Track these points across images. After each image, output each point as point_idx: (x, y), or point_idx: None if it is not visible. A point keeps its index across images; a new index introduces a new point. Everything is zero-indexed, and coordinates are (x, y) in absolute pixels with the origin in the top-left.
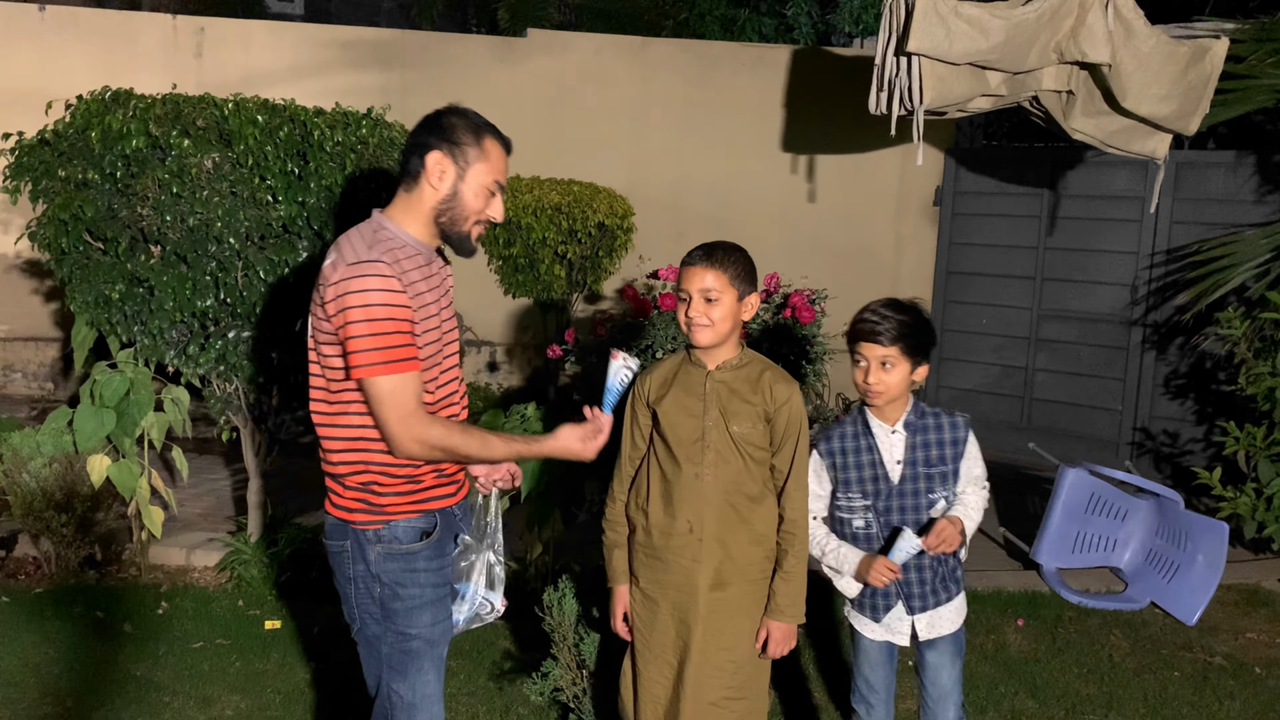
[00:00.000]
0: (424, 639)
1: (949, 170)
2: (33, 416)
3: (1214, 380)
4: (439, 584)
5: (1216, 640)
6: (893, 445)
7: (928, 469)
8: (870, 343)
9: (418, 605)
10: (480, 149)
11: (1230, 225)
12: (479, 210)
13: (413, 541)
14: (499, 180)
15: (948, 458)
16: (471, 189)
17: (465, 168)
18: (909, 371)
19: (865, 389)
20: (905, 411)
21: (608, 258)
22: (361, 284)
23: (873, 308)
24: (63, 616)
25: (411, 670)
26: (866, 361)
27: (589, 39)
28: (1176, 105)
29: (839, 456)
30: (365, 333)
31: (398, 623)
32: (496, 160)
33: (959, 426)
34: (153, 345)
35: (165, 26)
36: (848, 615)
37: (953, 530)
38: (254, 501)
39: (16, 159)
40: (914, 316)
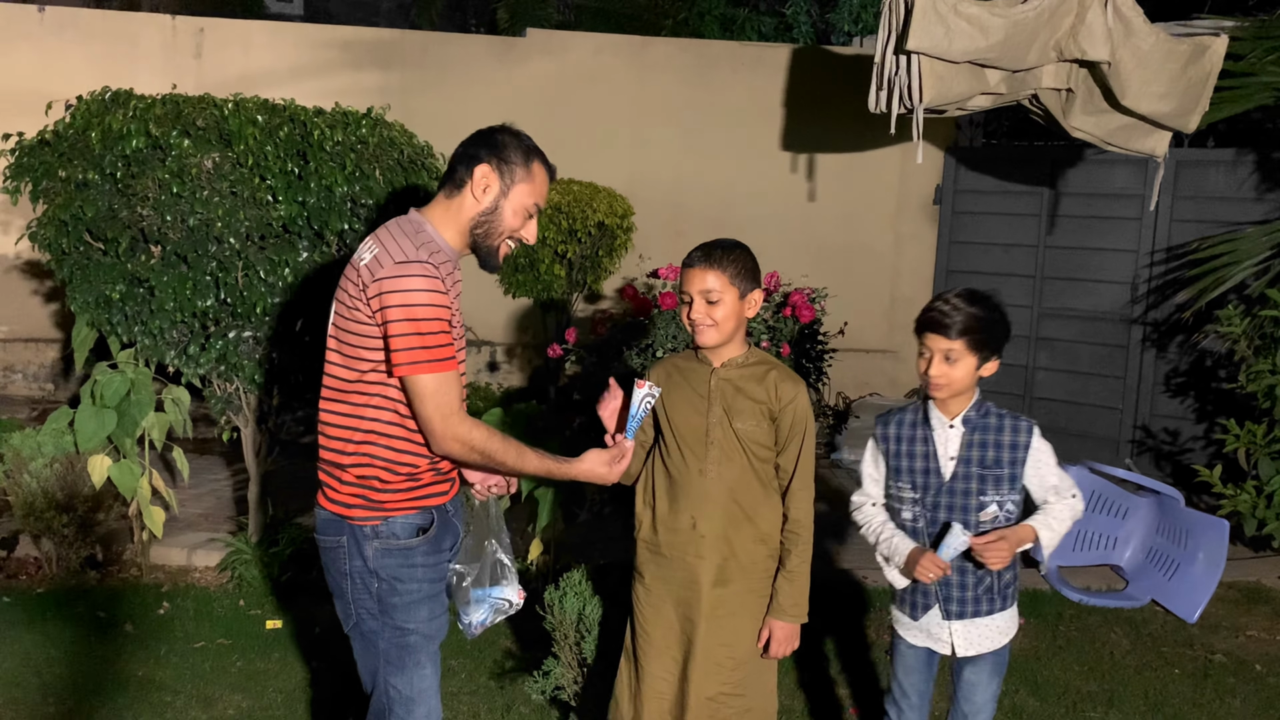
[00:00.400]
0: (421, 633)
1: (949, 169)
2: (33, 417)
3: (1214, 378)
4: (435, 579)
5: (1217, 638)
6: (948, 440)
7: (982, 469)
8: (935, 334)
9: (415, 600)
10: (528, 170)
11: (1230, 223)
12: (514, 229)
13: (410, 537)
14: (539, 203)
15: (1005, 461)
16: (512, 207)
17: (510, 185)
18: (975, 366)
19: (926, 381)
20: (967, 407)
21: (608, 257)
22: (411, 283)
23: (945, 297)
24: (64, 617)
25: (409, 664)
26: (930, 353)
27: (588, 39)
28: (1176, 103)
29: (893, 443)
30: (412, 330)
31: (395, 618)
32: (540, 184)
33: (1022, 430)
34: (153, 345)
35: (165, 27)
36: (892, 619)
37: (1004, 547)
38: (255, 501)
39: (17, 159)
40: (986, 310)
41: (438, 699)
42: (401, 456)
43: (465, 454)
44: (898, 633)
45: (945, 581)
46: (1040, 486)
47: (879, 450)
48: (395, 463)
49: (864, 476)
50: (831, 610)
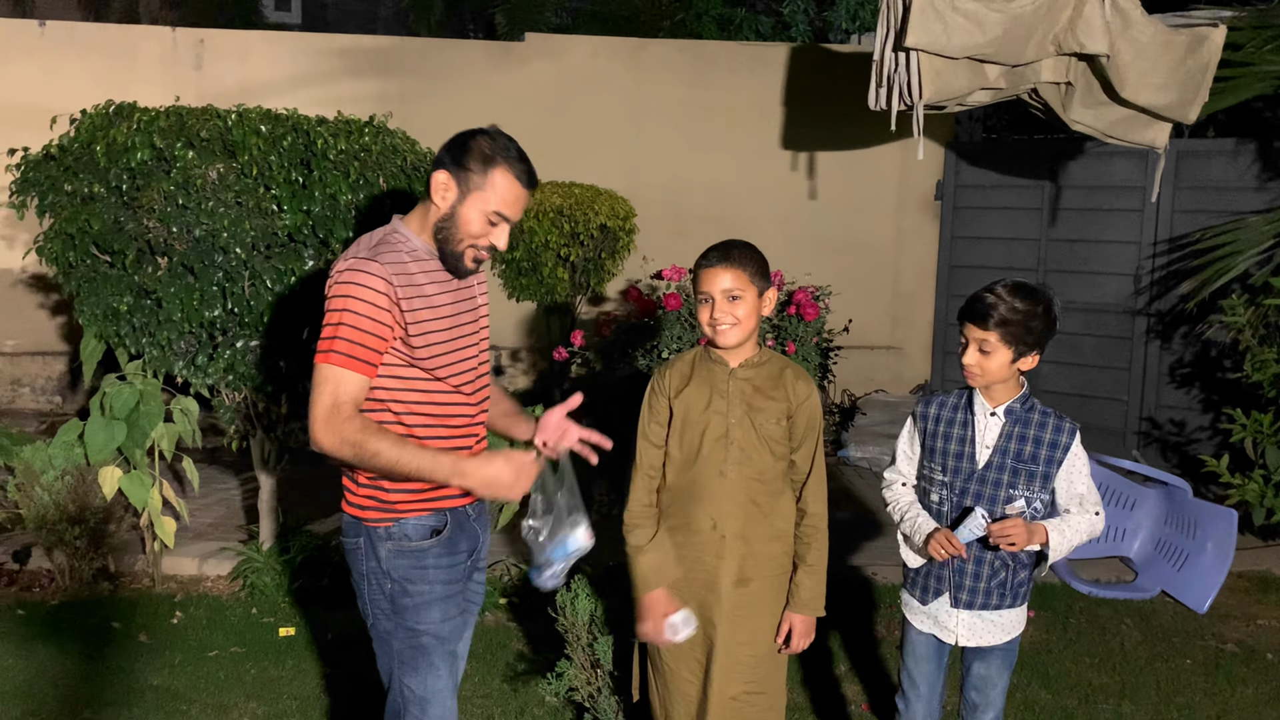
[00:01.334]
0: (433, 635)
1: (949, 164)
2: (42, 430)
3: (1219, 368)
4: (448, 581)
5: (1228, 627)
6: (988, 428)
7: (1017, 462)
8: (972, 323)
9: (426, 601)
10: (485, 178)
11: (1232, 212)
12: (475, 235)
13: (422, 539)
14: (501, 211)
15: (1041, 458)
16: (468, 214)
17: (466, 193)
18: (1009, 359)
19: (963, 368)
20: (1013, 398)
21: (610, 259)
22: (350, 278)
23: (991, 286)
24: (79, 628)
25: (422, 665)
26: (968, 340)
27: (586, 42)
28: (1175, 94)
29: (932, 423)
30: (336, 321)
31: (407, 619)
32: (503, 191)
33: (1063, 431)
34: (161, 356)
35: (165, 39)
36: (902, 604)
37: (1021, 532)
38: (265, 510)
39: (22, 174)
40: (1027, 304)
41: (453, 700)
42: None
43: (337, 447)
44: (907, 619)
45: (959, 569)
46: (1067, 493)
47: (915, 429)
48: None
49: (898, 454)
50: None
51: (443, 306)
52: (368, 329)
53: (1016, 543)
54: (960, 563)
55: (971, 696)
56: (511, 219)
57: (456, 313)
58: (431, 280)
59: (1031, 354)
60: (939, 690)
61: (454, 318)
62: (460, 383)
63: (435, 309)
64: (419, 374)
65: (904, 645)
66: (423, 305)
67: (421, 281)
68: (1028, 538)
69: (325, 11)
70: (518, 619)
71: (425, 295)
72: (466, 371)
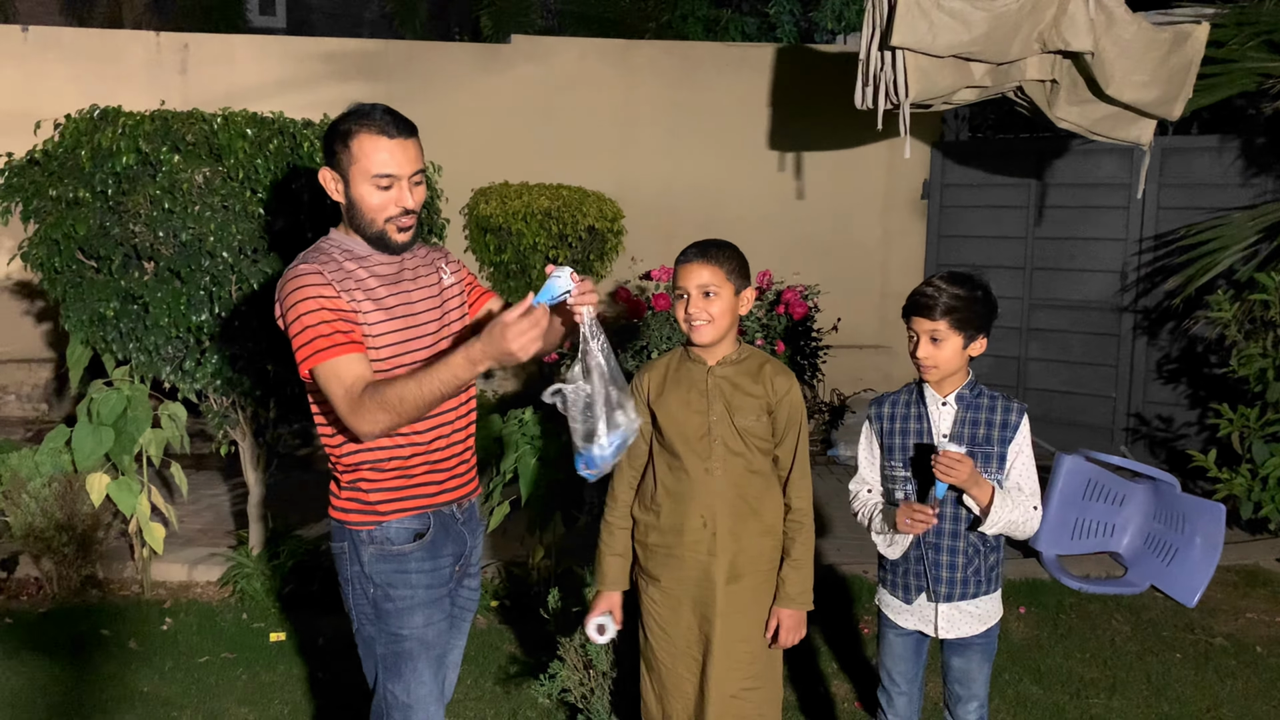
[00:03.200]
0: (417, 639)
1: (935, 164)
2: (28, 438)
3: (1205, 364)
4: (432, 585)
5: (1217, 621)
6: (941, 417)
7: (972, 446)
8: (919, 316)
9: (409, 607)
10: (350, 151)
11: (1217, 209)
12: (377, 208)
13: (405, 543)
14: (381, 172)
15: (994, 439)
16: (360, 190)
17: (347, 175)
18: (960, 346)
19: (916, 363)
20: (961, 385)
21: (599, 261)
22: (290, 286)
23: (929, 280)
24: (67, 636)
25: (405, 671)
26: (917, 335)
27: (573, 44)
28: (1160, 91)
29: (887, 422)
30: (298, 329)
31: (390, 624)
32: (371, 152)
33: (1012, 411)
34: (148, 362)
35: (149, 44)
36: (878, 602)
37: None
38: (254, 515)
39: (6, 180)
40: (967, 290)
41: (438, 707)
42: (379, 453)
43: (382, 424)
44: (885, 618)
45: (935, 562)
46: (1014, 483)
47: (873, 431)
48: (378, 460)
49: (860, 460)
50: (828, 604)
51: (389, 298)
52: (328, 317)
53: (957, 476)
54: (935, 555)
55: (955, 689)
56: (398, 174)
57: (411, 312)
58: (374, 275)
59: (979, 338)
60: (919, 682)
61: (408, 316)
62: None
63: (379, 300)
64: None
65: (881, 643)
66: (365, 298)
67: (363, 276)
68: (970, 479)
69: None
70: (508, 621)
71: (368, 289)
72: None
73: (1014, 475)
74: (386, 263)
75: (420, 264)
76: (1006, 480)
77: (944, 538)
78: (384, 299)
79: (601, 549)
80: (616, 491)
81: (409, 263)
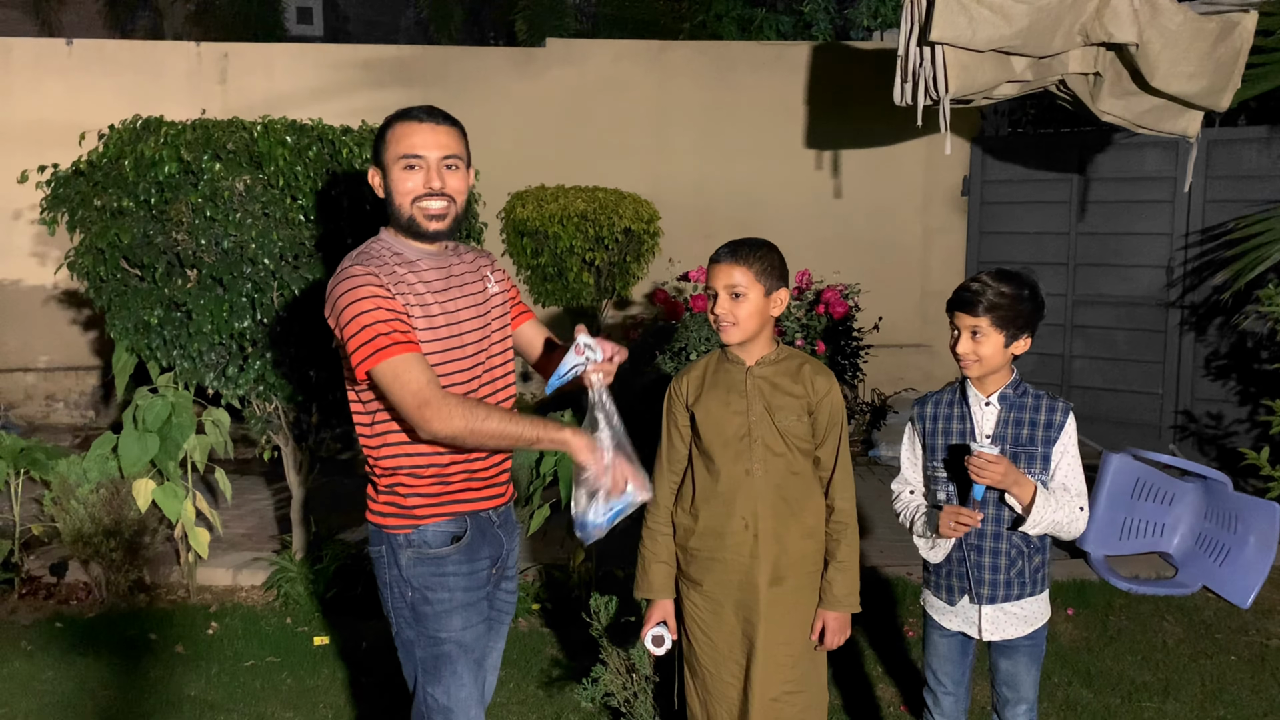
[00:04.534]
0: (456, 643)
1: (975, 160)
2: (76, 444)
3: (1256, 359)
4: (470, 588)
5: (1272, 623)
6: (984, 417)
7: (1016, 447)
8: (962, 311)
9: (447, 610)
10: (385, 140)
11: (1265, 201)
12: (407, 191)
13: (442, 545)
14: (408, 153)
15: (1039, 440)
16: (394, 176)
17: (383, 165)
18: (1003, 344)
19: (957, 358)
20: (1004, 385)
21: (635, 263)
22: (342, 287)
23: (977, 275)
24: (116, 640)
25: (445, 674)
26: (959, 330)
27: (607, 46)
28: (1207, 82)
29: (929, 422)
30: (355, 329)
31: (429, 627)
32: (401, 137)
33: (1057, 410)
34: (192, 368)
35: (189, 55)
36: (923, 603)
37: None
38: (297, 519)
39: (53, 190)
40: (1013, 288)
41: (479, 710)
42: (418, 459)
43: (452, 432)
44: (931, 619)
45: (977, 564)
46: (1059, 483)
47: (915, 431)
48: (416, 466)
49: (903, 461)
50: (871, 606)
51: (434, 305)
52: (386, 317)
53: (990, 477)
54: (977, 557)
55: (1003, 691)
56: (424, 154)
57: (454, 320)
58: (422, 281)
59: (1023, 337)
60: (965, 684)
61: (451, 325)
62: (466, 368)
63: (426, 308)
64: None
65: (926, 645)
66: (415, 303)
67: (413, 282)
68: (1007, 478)
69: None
70: (551, 625)
71: (417, 294)
72: (465, 372)
73: (1059, 475)
74: (435, 269)
75: (467, 270)
76: (1051, 480)
77: (985, 539)
78: (429, 305)
79: (646, 556)
80: (658, 497)
81: (455, 269)
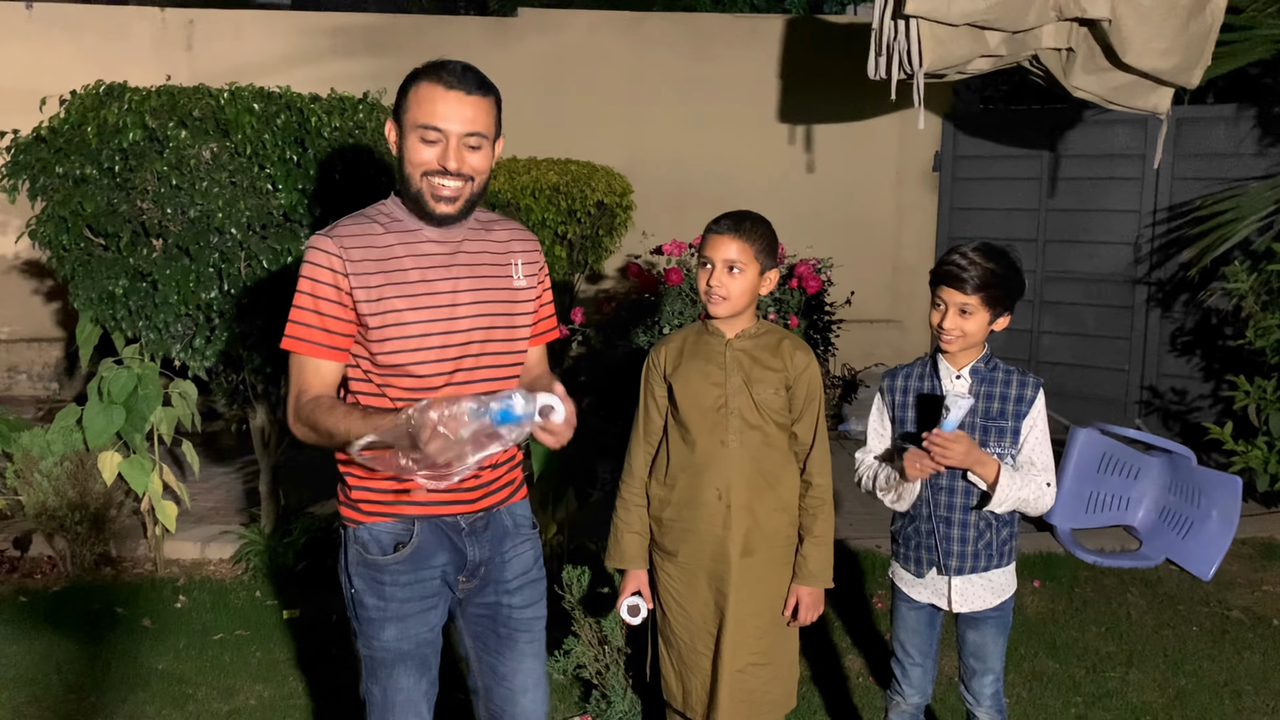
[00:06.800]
0: (391, 650)
1: (947, 135)
2: (39, 417)
3: (1220, 336)
4: (410, 599)
5: (1233, 594)
6: (955, 391)
7: (986, 420)
8: (951, 288)
9: (380, 619)
10: (407, 99)
11: (1232, 179)
12: (419, 163)
13: (380, 554)
14: (427, 122)
15: (1009, 414)
16: (409, 141)
17: (401, 124)
18: (988, 321)
19: (940, 333)
20: (976, 359)
21: (608, 236)
22: (306, 252)
23: (961, 250)
24: (82, 614)
25: (381, 675)
26: (945, 305)
27: (581, 16)
28: (1179, 58)
29: (899, 395)
30: (294, 302)
31: (363, 629)
32: (423, 101)
33: (1027, 385)
34: (158, 339)
35: (154, 20)
36: (891, 575)
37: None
38: (266, 492)
39: (13, 157)
40: (1002, 265)
41: (417, 712)
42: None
43: (303, 434)
44: (899, 591)
45: (946, 536)
46: (1027, 457)
47: (885, 403)
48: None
49: (870, 434)
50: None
51: (419, 284)
52: (322, 307)
53: (950, 457)
54: (945, 529)
55: (970, 662)
56: (443, 127)
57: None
58: (413, 255)
59: (1005, 314)
60: (932, 655)
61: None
62: (428, 374)
63: (403, 285)
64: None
65: (894, 617)
66: (383, 281)
67: (398, 254)
68: (969, 457)
69: None
70: None
71: (396, 268)
72: (443, 363)
73: (1027, 450)
74: (437, 243)
75: (486, 252)
76: (1020, 454)
77: (955, 511)
78: (414, 283)
79: (619, 525)
80: (633, 467)
81: (467, 247)
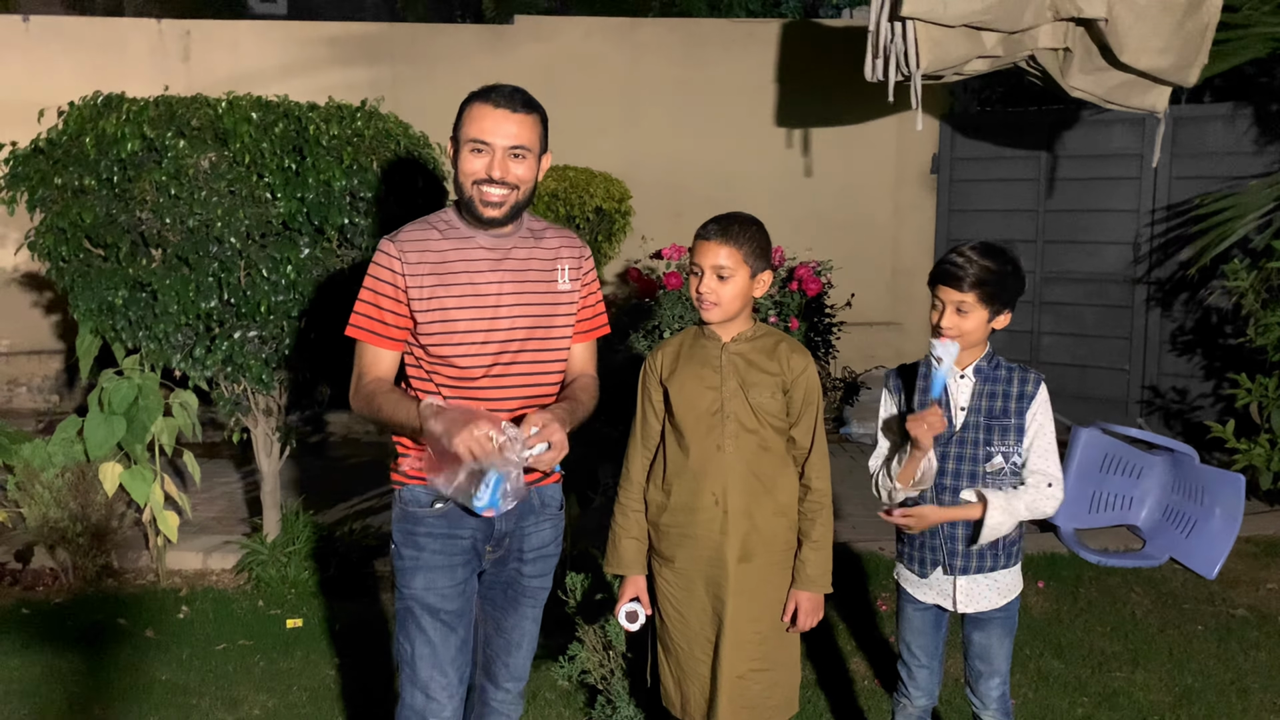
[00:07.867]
0: (417, 601)
1: (945, 137)
2: (40, 429)
3: (1220, 334)
4: (441, 551)
5: (1238, 593)
6: (959, 390)
7: (989, 419)
8: (948, 286)
9: (412, 567)
10: (461, 119)
11: (1231, 178)
12: (470, 173)
13: (421, 506)
14: (477, 137)
15: (1011, 411)
16: (463, 155)
17: (456, 141)
18: (986, 319)
19: (938, 332)
20: (979, 358)
21: (606, 242)
22: (376, 253)
23: (959, 249)
24: (84, 626)
25: (410, 627)
26: (942, 304)
27: (577, 23)
28: (1175, 57)
29: (905, 392)
30: (360, 295)
31: (399, 580)
32: (478, 119)
33: (1029, 382)
34: (158, 350)
35: (151, 31)
36: (896, 576)
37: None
38: (268, 502)
39: (11, 169)
40: (999, 263)
41: (450, 670)
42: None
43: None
44: (905, 592)
45: (950, 536)
46: (1030, 463)
47: (894, 400)
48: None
49: (880, 433)
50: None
51: (465, 285)
52: (382, 302)
53: (914, 528)
54: (950, 529)
55: (976, 664)
56: (490, 142)
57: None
58: (465, 259)
59: (1005, 313)
60: (939, 657)
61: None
62: (468, 365)
63: (452, 286)
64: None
65: (900, 619)
66: (436, 282)
67: (452, 259)
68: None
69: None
70: None
71: (447, 270)
72: (483, 357)
73: (1033, 456)
74: (487, 249)
75: (534, 258)
76: (1026, 452)
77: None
78: (462, 284)
79: (617, 531)
80: (631, 473)
81: (516, 253)
